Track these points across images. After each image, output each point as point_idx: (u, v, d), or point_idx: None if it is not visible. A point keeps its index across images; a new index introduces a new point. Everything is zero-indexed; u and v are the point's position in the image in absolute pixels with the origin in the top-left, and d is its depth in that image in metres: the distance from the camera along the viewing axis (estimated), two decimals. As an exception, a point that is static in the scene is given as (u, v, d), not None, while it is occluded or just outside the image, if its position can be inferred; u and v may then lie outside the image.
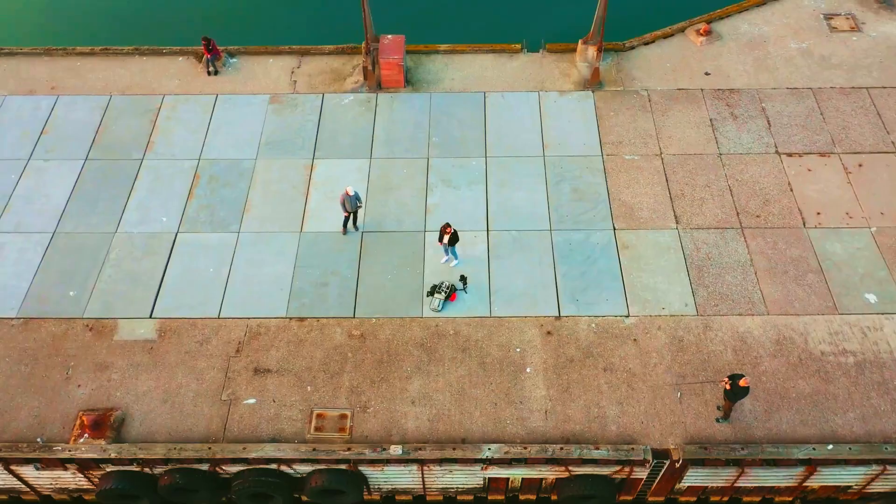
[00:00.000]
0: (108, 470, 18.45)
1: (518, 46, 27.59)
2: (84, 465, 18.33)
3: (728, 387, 17.78)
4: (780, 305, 20.60)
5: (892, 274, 21.20)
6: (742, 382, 17.43)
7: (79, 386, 19.34)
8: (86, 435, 18.30)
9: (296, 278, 21.42)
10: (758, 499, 20.28)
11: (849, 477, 18.61)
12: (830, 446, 17.91)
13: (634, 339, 20.02)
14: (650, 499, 20.19)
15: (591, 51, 26.48)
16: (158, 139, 25.06)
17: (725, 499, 20.28)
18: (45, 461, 18.18)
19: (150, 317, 20.69)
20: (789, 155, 24.18)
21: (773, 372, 19.31)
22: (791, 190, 23.23)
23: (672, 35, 27.89)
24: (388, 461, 18.09)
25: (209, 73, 27.02)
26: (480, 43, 27.75)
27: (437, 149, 24.64)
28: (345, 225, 22.25)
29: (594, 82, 26.21)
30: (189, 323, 20.56)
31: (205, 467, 18.36)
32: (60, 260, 21.92)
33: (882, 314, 20.38)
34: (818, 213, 22.65)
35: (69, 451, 17.91)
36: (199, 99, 26.28)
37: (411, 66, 26.99)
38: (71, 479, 19.12)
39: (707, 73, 26.64)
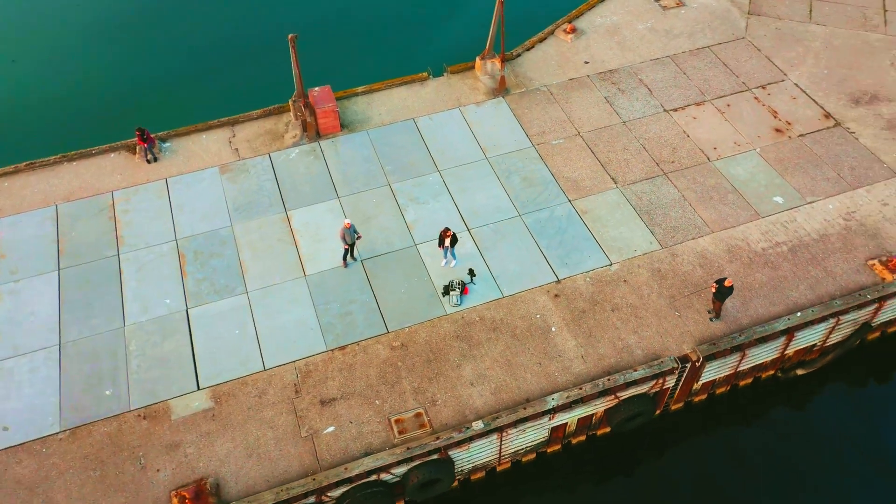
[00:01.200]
0: (222, 533, 19.01)
1: (425, 74, 30.80)
2: (198, 537, 18.76)
3: (715, 289, 21.88)
4: (718, 223, 25.26)
5: (784, 178, 26.65)
6: (727, 283, 21.59)
7: (158, 470, 19.64)
8: (190, 508, 18.77)
9: (320, 316, 22.94)
10: (750, 380, 24.58)
11: (814, 336, 23.34)
12: (799, 313, 22.55)
13: (624, 280, 23.70)
14: (673, 408, 23.85)
15: (490, 64, 30.32)
16: (126, 232, 25.39)
17: (727, 388, 24.39)
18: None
19: (199, 388, 21.32)
20: (674, 110, 29.32)
21: (734, 274, 23.75)
22: (688, 136, 28.28)
23: (546, 38, 32.45)
24: (472, 438, 20.24)
25: (149, 162, 27.62)
26: (391, 78, 30.62)
27: (394, 175, 27.13)
28: (345, 258, 24.10)
29: (502, 89, 30.00)
30: (239, 382, 21.44)
31: (311, 500, 19.46)
32: (79, 367, 21.83)
33: (791, 209, 25.66)
34: (714, 149, 27.83)
35: (183, 526, 18.33)
36: (148, 187, 26.83)
37: (339, 111, 29.27)
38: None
39: (586, 62, 31.38)
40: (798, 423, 24.14)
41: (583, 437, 23.26)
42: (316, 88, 28.11)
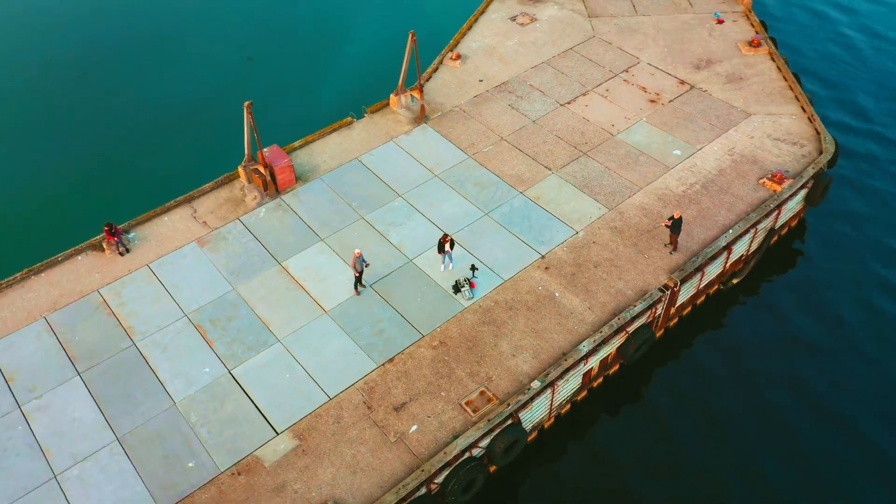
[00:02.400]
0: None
1: (349, 119, 33.61)
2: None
3: (669, 224, 26.87)
4: (642, 180, 30.54)
5: (673, 136, 32.63)
6: (676, 215, 26.65)
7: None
8: (327, 530, 20.15)
9: (357, 340, 24.96)
10: (703, 298, 29.88)
11: (742, 246, 29.12)
12: (730, 231, 28.18)
13: (593, 242, 28.10)
14: (657, 336, 28.46)
15: (404, 98, 33.86)
16: (132, 322, 25.68)
17: (690, 308, 29.49)
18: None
19: (278, 433, 22.54)
20: (568, 103, 34.56)
21: (670, 214, 29.00)
22: (588, 121, 33.55)
23: (437, 67, 36.55)
24: (533, 397, 23.37)
25: (121, 254, 27.89)
26: (319, 129, 33.07)
27: (362, 208, 29.66)
28: (356, 286, 26.30)
29: (422, 116, 33.58)
30: (313, 416, 22.95)
31: (423, 490, 21.52)
32: (150, 451, 22.15)
33: (688, 157, 31.59)
34: (612, 125, 33.32)
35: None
36: (134, 277, 27.18)
37: (288, 166, 31.27)
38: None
39: (480, 80, 35.87)
40: (746, 322, 29.81)
41: (600, 379, 27.17)
42: (265, 149, 29.96)
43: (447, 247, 26.28)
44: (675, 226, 26.87)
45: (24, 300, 26.43)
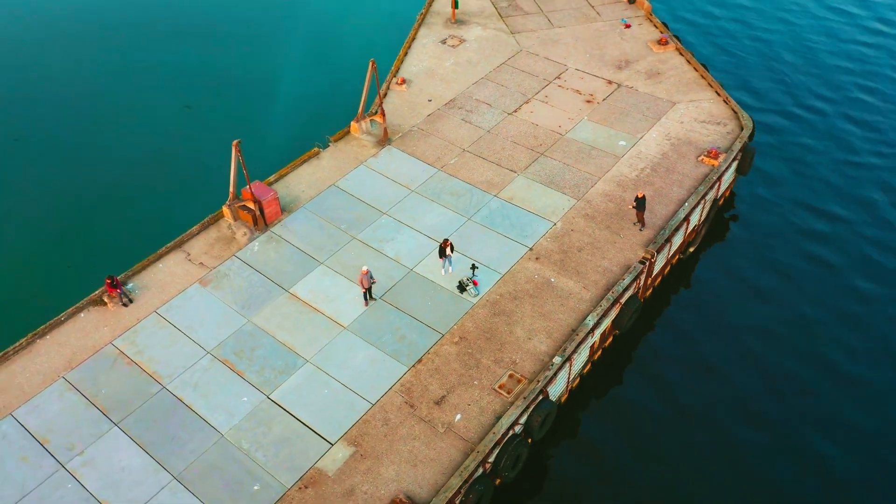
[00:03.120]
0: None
1: (316, 150, 34.98)
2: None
3: (635, 205, 30.03)
4: (598, 171, 33.69)
5: (615, 129, 36.11)
6: (639, 195, 29.85)
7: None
8: (406, 519, 21.46)
9: (382, 348, 26.38)
10: (668, 268, 33.22)
11: (695, 216, 32.73)
12: (686, 204, 31.70)
13: (571, 230, 30.84)
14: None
15: (364, 124, 35.66)
16: (156, 368, 25.94)
17: (661, 278, 32.73)
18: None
19: (332, 444, 23.61)
20: (515, 111, 37.45)
21: (629, 197, 32.21)
22: (537, 125, 36.52)
23: (386, 93, 38.57)
24: (556, 372, 25.59)
25: (125, 305, 28.01)
26: (289, 163, 34.24)
27: (352, 230, 31.10)
28: (365, 298, 27.73)
29: (386, 139, 35.45)
30: (361, 423, 24.16)
31: (480, 470, 23.21)
32: (210, 483, 22.66)
33: (633, 146, 35.10)
34: (559, 126, 36.44)
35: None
36: (144, 325, 27.38)
37: (269, 200, 32.24)
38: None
39: (429, 100, 38.19)
40: (708, 282, 33.42)
41: (600, 353, 29.77)
42: (249, 186, 30.89)
43: (448, 251, 28.22)
44: (640, 204, 30.05)
45: (35, 364, 26.10)
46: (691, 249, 34.03)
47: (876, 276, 33.40)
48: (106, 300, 28.01)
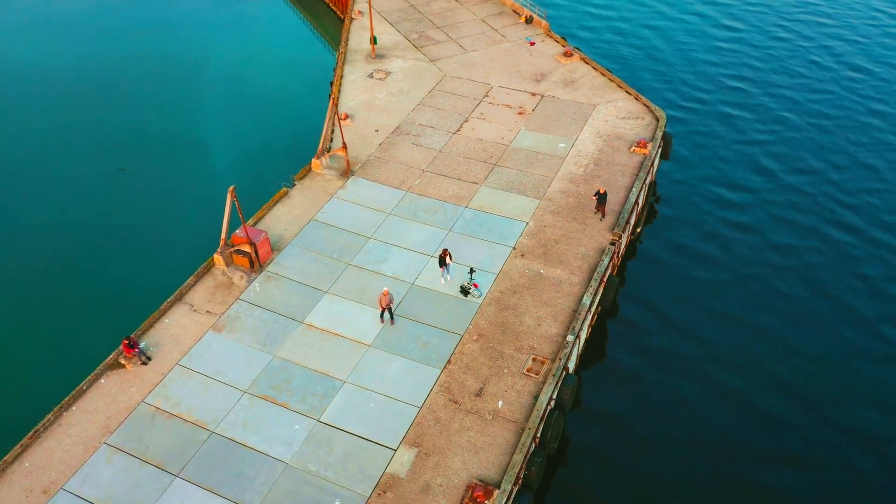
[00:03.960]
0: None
1: (285, 190, 36.19)
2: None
3: (596, 199, 33.77)
4: (550, 172, 37.26)
5: (552, 134, 39.93)
6: (601, 191, 33.63)
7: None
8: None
9: (411, 357, 28.21)
10: (624, 249, 37.20)
11: (642, 197, 36.91)
12: (633, 189, 35.80)
13: (544, 226, 34.07)
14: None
15: (325, 160, 37.33)
16: (197, 416, 26.32)
17: (620, 260, 36.61)
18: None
19: (395, 449, 25.16)
20: (458, 131, 40.44)
21: (584, 192, 35.95)
22: (482, 140, 39.68)
23: (334, 129, 40.38)
24: (571, 349, 28.51)
25: (144, 364, 28.08)
26: (264, 204, 35.26)
27: (345, 257, 32.66)
28: (382, 315, 29.47)
29: (349, 170, 37.27)
30: (415, 426, 25.87)
31: (533, 445, 25.59)
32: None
33: (572, 147, 39.04)
34: (502, 138, 39.80)
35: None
36: (172, 377, 27.59)
37: (255, 243, 33.12)
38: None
39: (376, 130, 40.39)
40: (659, 256, 37.74)
41: (589, 330, 33.04)
42: (239, 231, 31.74)
43: (448, 260, 30.53)
44: (602, 199, 33.79)
45: (70, 436, 25.74)
46: (639, 230, 38.26)
47: (787, 231, 39.06)
48: (123, 362, 27.96)
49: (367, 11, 52.16)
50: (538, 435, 26.05)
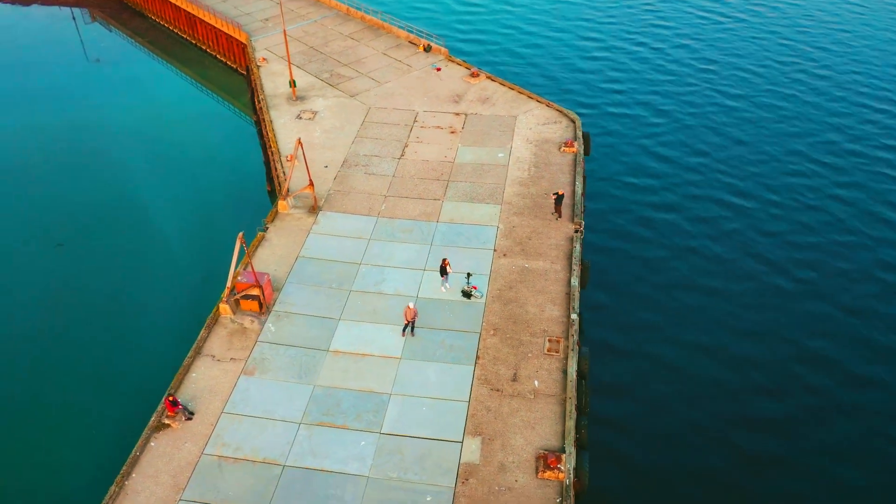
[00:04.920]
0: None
1: (261, 235, 37.12)
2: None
3: (555, 199, 37.86)
4: (500, 179, 40.93)
5: (487, 146, 43.71)
6: (560, 192, 37.77)
7: (516, 480, 26.09)
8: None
9: (443, 361, 30.55)
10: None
11: (579, 190, 41.49)
12: (577, 184, 40.30)
13: (513, 227, 37.61)
14: (573, 270, 39.27)
15: (291, 200, 38.71)
16: (263, 455, 27.05)
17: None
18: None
19: (461, 440, 27.43)
20: (402, 156, 43.14)
21: (534, 194, 39.95)
22: (427, 160, 42.64)
23: (284, 171, 41.67)
24: (577, 327, 32.14)
25: (189, 419, 28.27)
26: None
27: (344, 285, 34.30)
28: (404, 329, 31.60)
29: (317, 206, 38.83)
30: (470, 417, 28.27)
31: (576, 413, 28.86)
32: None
33: (510, 154, 42.99)
34: (445, 157, 43.00)
35: None
36: (222, 426, 28.02)
37: (253, 287, 33.90)
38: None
39: (326, 167, 42.14)
40: (606, 236, 42.49)
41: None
42: (240, 277, 32.53)
43: (448, 269, 33.20)
44: (559, 200, 37.90)
45: (141, 502, 25.63)
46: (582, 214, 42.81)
47: (700, 206, 45.33)
48: (168, 421, 28.07)
49: (272, 58, 53.55)
50: (575, 403, 29.35)
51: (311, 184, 38.48)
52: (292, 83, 48.10)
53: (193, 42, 64.70)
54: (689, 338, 36.28)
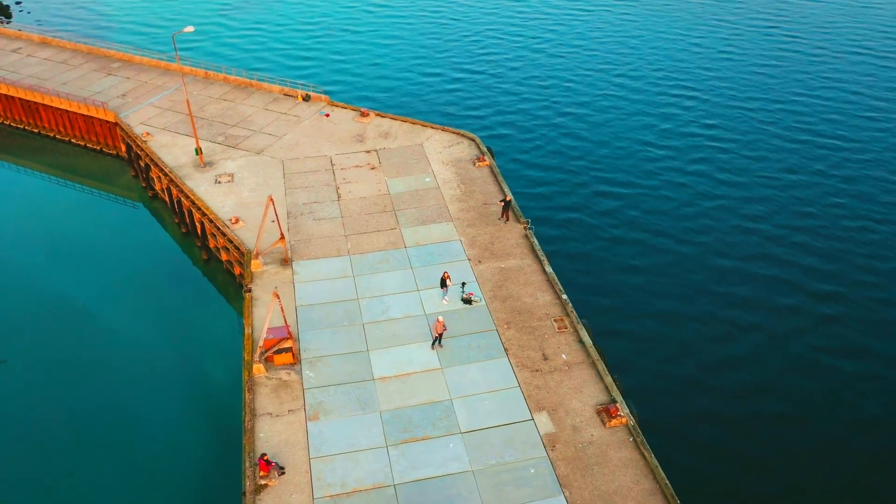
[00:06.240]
0: (626, 411, 32.13)
1: (249, 296, 37.64)
2: (631, 418, 31.62)
3: (503, 205, 42.85)
4: (440, 200, 44.97)
5: (413, 175, 47.46)
6: (507, 198, 42.81)
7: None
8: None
9: (477, 360, 34.00)
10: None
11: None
12: (506, 190, 45.62)
13: (474, 237, 41.88)
14: (524, 265, 44.49)
15: (262, 257, 39.62)
16: (369, 482, 28.69)
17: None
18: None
19: (531, 418, 31.23)
20: (340, 198, 45.47)
21: (476, 205, 44.57)
22: (364, 197, 45.43)
23: (232, 237, 42.10)
24: (576, 313, 37.31)
25: (282, 474, 28.97)
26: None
27: (355, 319, 36.29)
28: (433, 342, 34.62)
29: (289, 258, 40.03)
30: (528, 398, 32.17)
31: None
32: (503, 493, 28.34)
33: (437, 178, 47.18)
34: (379, 191, 46.09)
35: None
36: (316, 471, 29.08)
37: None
38: None
39: (273, 221, 43.20)
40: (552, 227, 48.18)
41: (541, 297, 42.03)
42: (267, 333, 33.35)
43: (448, 282, 36.71)
44: (507, 205, 42.93)
45: (282, 557, 26.28)
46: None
47: (611, 185, 52.95)
48: (264, 482, 28.62)
49: (154, 131, 52.57)
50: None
51: (283, 237, 39.73)
52: (199, 150, 48.08)
53: (36, 131, 60.50)
54: (656, 289, 43.18)
